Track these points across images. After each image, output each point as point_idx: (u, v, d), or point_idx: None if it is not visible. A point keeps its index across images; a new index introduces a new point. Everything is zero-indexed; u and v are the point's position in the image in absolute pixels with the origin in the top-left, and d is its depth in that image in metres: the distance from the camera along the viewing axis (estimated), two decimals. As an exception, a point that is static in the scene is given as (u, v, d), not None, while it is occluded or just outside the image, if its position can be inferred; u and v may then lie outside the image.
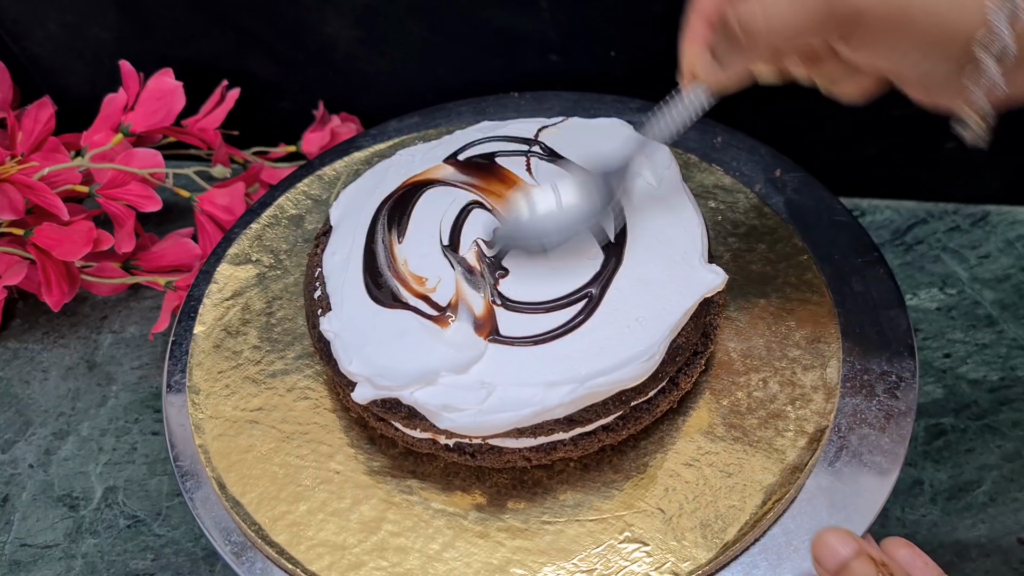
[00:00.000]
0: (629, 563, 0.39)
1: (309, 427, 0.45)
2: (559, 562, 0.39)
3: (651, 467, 0.42)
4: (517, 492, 0.42)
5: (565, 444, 0.41)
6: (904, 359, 0.44)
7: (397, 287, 0.42)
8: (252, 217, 0.54)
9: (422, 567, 0.40)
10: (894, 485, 0.40)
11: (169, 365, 0.48)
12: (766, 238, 0.50)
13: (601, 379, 0.39)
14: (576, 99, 0.59)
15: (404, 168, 0.48)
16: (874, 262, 0.48)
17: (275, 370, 0.47)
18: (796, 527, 0.40)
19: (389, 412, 0.41)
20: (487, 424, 0.39)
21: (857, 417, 0.42)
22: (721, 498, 0.41)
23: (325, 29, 0.62)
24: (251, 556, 0.41)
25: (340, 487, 0.43)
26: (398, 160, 0.49)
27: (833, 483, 0.41)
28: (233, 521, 0.42)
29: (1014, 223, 0.62)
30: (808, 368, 0.44)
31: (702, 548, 0.39)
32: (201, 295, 0.51)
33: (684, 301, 0.41)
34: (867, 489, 0.40)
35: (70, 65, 0.68)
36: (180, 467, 0.44)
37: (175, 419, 0.46)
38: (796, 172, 0.53)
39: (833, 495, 0.40)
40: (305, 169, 0.57)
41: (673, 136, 0.40)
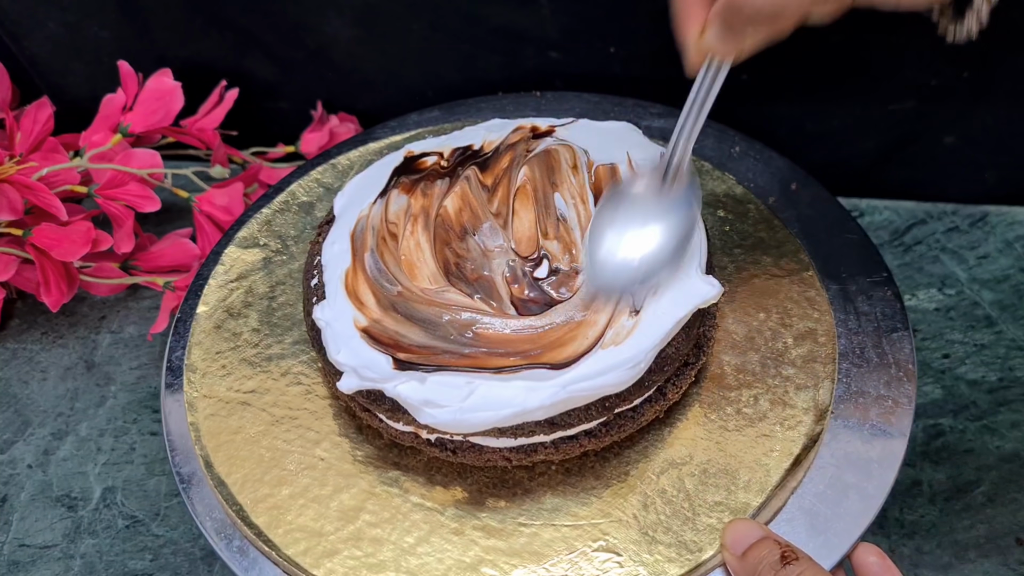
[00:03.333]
0: (600, 572, 0.39)
1: (299, 412, 0.46)
2: (530, 565, 0.39)
3: (632, 476, 0.42)
4: (497, 491, 0.42)
5: (546, 447, 0.41)
6: (903, 384, 0.43)
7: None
8: (264, 202, 0.55)
9: (395, 559, 0.40)
10: (878, 513, 0.39)
11: (171, 342, 0.49)
12: (772, 251, 0.49)
13: (584, 384, 0.39)
14: (596, 101, 0.59)
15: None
16: (882, 283, 0.47)
17: (272, 354, 0.48)
18: (773, 548, 0.39)
19: (373, 404, 0.41)
20: (467, 422, 0.39)
21: (847, 441, 0.42)
22: (700, 514, 0.40)
23: (324, 29, 0.62)
24: (229, 534, 0.42)
25: (323, 474, 0.43)
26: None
27: (815, 506, 0.40)
28: (216, 501, 0.43)
29: (1013, 224, 0.61)
30: (801, 388, 0.43)
31: (675, 564, 0.39)
32: (208, 275, 0.51)
33: (676, 311, 0.41)
34: (849, 514, 0.39)
35: (69, 65, 0.68)
36: (172, 442, 0.45)
37: (172, 397, 0.47)
38: (813, 187, 0.52)
39: (814, 518, 0.39)
40: (321, 157, 0.58)
41: (702, 120, 0.39)
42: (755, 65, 0.38)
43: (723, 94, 0.38)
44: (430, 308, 0.41)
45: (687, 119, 0.39)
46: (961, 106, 0.57)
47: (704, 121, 0.39)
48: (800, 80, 0.57)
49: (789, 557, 0.35)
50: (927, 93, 0.57)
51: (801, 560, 0.35)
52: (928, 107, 0.58)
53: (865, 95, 0.58)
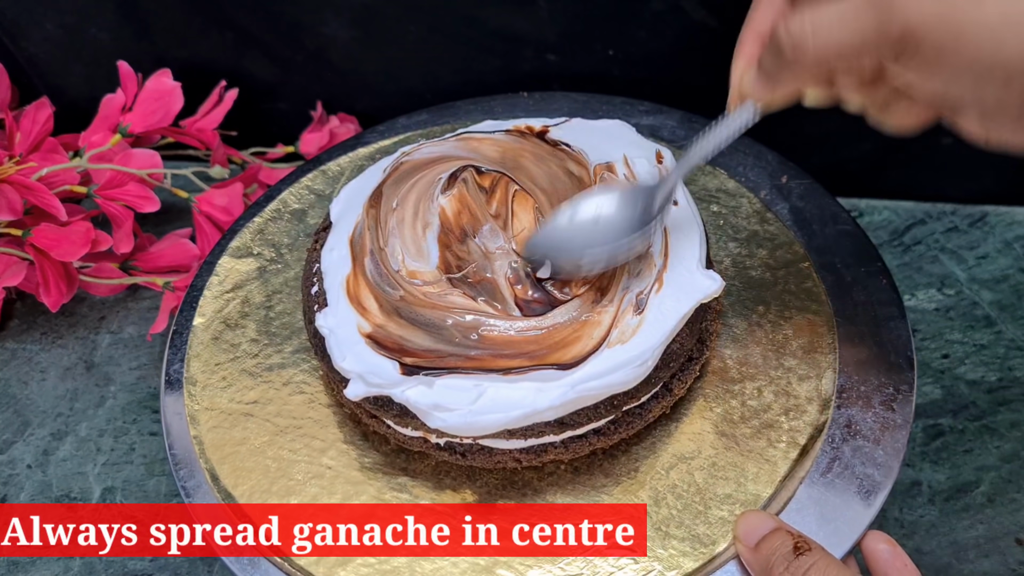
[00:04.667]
0: (615, 569, 0.39)
1: (303, 421, 0.45)
2: (545, 565, 0.39)
3: (642, 472, 0.42)
4: (507, 493, 0.42)
5: (556, 447, 0.41)
6: (903, 371, 0.44)
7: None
8: (256, 210, 0.54)
9: (408, 565, 0.40)
10: (887, 496, 0.40)
11: (168, 355, 0.49)
12: (767, 244, 0.49)
13: (592, 383, 0.39)
14: (585, 100, 0.59)
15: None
16: (877, 272, 0.48)
17: (272, 363, 0.47)
18: (785, 538, 0.39)
19: (381, 410, 0.41)
20: (477, 425, 0.39)
21: (851, 429, 0.42)
22: (711, 507, 0.40)
23: (323, 29, 0.62)
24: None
25: (331, 482, 0.43)
26: (399, 157, 0.49)
27: (824, 494, 0.40)
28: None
29: (1012, 224, 0.62)
30: (804, 378, 0.44)
31: (689, 557, 0.39)
32: (203, 287, 0.51)
33: (680, 307, 0.41)
34: (858, 501, 0.40)
35: (68, 66, 0.68)
36: (175, 455, 0.45)
37: (172, 410, 0.46)
38: (803, 179, 0.53)
39: (823, 506, 0.40)
40: (311, 164, 0.57)
41: (713, 154, 0.39)
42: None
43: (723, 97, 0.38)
44: (434, 312, 0.41)
45: (697, 149, 0.39)
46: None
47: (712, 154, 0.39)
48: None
49: (802, 548, 0.36)
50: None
51: (814, 551, 0.35)
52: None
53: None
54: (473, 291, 0.42)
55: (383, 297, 0.42)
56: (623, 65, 0.59)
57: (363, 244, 0.44)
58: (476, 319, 0.41)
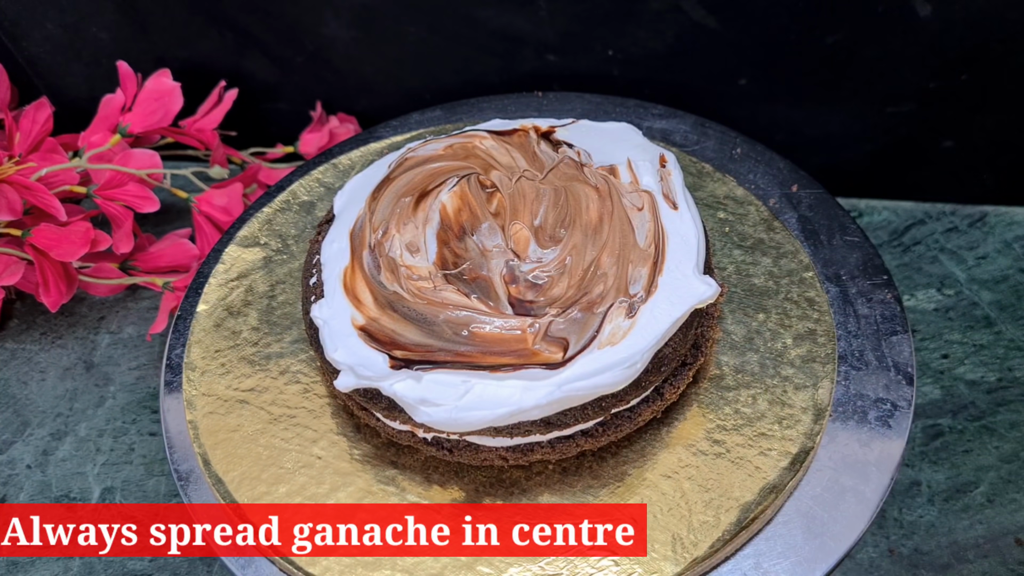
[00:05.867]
0: (595, 571, 0.39)
1: (297, 411, 0.46)
2: (526, 564, 0.39)
3: (629, 476, 0.42)
4: (494, 491, 0.42)
5: (543, 446, 0.41)
6: (902, 387, 0.43)
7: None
8: (266, 201, 0.55)
9: (391, 557, 0.40)
10: (875, 516, 0.39)
11: (171, 340, 0.49)
12: (772, 252, 0.49)
13: (580, 383, 0.38)
14: (599, 101, 0.59)
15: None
16: (882, 285, 0.47)
17: (271, 352, 0.48)
18: (769, 549, 0.39)
19: (370, 402, 0.41)
20: (463, 421, 0.39)
21: (845, 443, 0.41)
22: (696, 512, 0.40)
23: (322, 30, 0.62)
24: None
25: (320, 472, 0.43)
26: (404, 153, 0.49)
27: (812, 508, 0.40)
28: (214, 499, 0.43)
29: (1012, 224, 0.61)
30: (800, 388, 0.43)
31: (670, 562, 0.39)
32: (208, 274, 0.52)
33: (673, 311, 0.40)
34: (846, 516, 0.39)
35: (68, 66, 0.68)
36: (170, 439, 0.45)
37: (172, 395, 0.47)
38: (814, 188, 0.52)
39: (811, 520, 0.39)
40: (323, 156, 0.58)
41: None
42: (754, 69, 0.38)
43: (722, 98, 0.38)
44: (427, 307, 0.41)
45: None
46: (959, 109, 0.57)
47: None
48: (799, 84, 0.57)
49: None
50: (925, 96, 0.57)
51: None
52: (926, 110, 0.57)
53: (863, 98, 0.58)
54: (468, 288, 0.42)
55: (378, 291, 0.42)
56: (623, 65, 0.59)
57: (363, 238, 0.44)
58: (468, 315, 0.41)
